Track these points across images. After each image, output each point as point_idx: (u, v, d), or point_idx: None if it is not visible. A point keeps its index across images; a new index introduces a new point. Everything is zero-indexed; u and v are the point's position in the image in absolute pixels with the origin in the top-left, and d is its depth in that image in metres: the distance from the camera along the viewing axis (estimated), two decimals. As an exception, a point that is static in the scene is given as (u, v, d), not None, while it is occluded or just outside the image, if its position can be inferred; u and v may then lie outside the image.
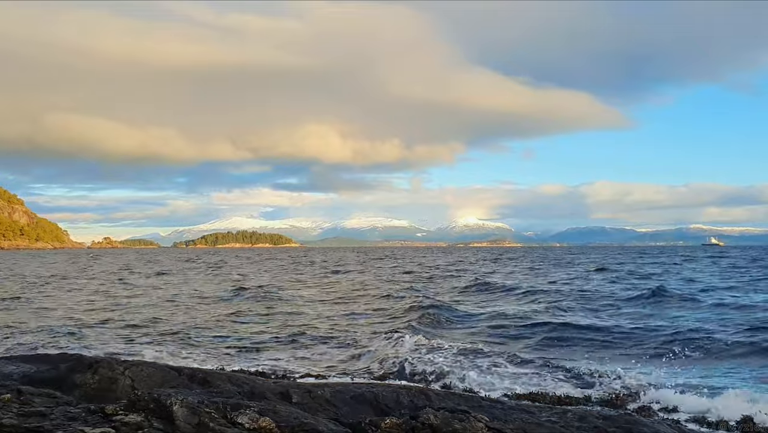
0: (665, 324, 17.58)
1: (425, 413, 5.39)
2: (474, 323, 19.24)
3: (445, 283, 36.63)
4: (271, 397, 6.67)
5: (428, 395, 7.37)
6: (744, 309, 21.05)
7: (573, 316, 19.89)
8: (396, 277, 42.95)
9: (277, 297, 27.27)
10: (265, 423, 5.03)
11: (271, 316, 20.95)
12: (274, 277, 44.40)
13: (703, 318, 18.99)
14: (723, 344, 14.32)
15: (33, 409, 5.05)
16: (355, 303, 25.03)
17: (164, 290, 31.51)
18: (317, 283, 37.89)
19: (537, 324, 17.90)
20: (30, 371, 7.55)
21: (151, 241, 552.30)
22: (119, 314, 20.90)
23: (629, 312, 21.01)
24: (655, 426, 6.48)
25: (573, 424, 6.11)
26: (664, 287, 27.54)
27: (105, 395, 6.77)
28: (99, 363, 7.36)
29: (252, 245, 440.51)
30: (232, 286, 33.97)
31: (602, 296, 25.85)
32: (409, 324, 17.98)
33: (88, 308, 23.06)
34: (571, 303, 23.27)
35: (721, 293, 27.29)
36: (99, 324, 18.45)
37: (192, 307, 23.76)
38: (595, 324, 17.88)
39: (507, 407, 6.97)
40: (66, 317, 20.27)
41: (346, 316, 20.80)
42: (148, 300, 26.14)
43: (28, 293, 29.18)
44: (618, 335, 16.15)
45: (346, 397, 7.03)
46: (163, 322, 19.13)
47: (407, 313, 20.82)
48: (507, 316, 19.91)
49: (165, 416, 4.91)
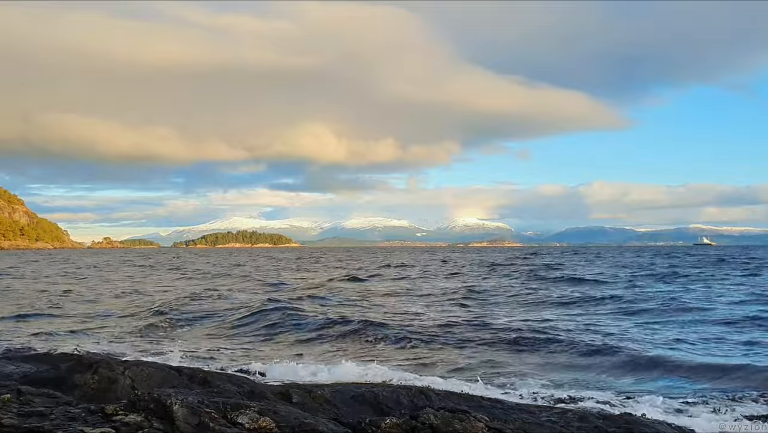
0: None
1: (425, 413, 5.39)
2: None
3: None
4: (271, 397, 6.67)
5: (428, 395, 7.37)
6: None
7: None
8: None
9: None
10: (266, 423, 5.03)
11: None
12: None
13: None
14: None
15: (33, 409, 5.05)
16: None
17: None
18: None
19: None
20: (30, 371, 7.55)
21: (151, 241, 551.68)
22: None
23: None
24: (655, 426, 6.48)
25: (573, 424, 6.11)
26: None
27: (105, 395, 6.78)
28: (99, 363, 7.37)
29: (252, 245, 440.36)
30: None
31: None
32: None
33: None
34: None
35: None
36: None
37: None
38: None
39: (507, 407, 6.97)
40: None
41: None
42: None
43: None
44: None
45: (346, 397, 7.03)
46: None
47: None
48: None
49: (165, 416, 4.91)
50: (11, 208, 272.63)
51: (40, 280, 39.74)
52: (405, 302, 24.02)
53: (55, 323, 18.35)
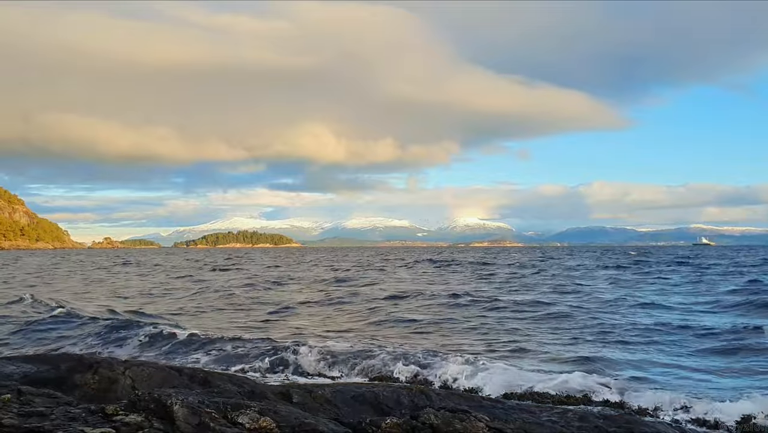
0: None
1: (426, 413, 5.38)
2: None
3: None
4: (272, 397, 6.67)
5: (429, 395, 7.37)
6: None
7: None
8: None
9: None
10: (266, 423, 5.03)
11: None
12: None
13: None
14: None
15: (33, 409, 5.05)
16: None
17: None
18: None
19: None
20: (30, 371, 7.55)
21: (151, 241, 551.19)
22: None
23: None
24: (656, 426, 6.48)
25: (573, 424, 6.10)
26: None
27: (105, 395, 6.77)
28: (99, 363, 7.37)
29: (252, 245, 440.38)
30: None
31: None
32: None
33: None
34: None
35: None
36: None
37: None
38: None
39: (507, 407, 6.96)
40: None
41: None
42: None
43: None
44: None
45: (346, 397, 7.03)
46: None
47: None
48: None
49: (165, 417, 4.91)
50: (11, 209, 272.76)
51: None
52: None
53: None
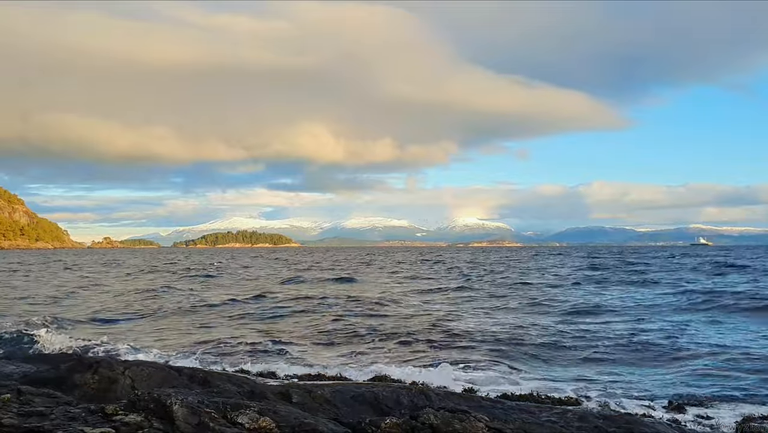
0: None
1: (425, 413, 5.38)
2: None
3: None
4: (271, 397, 6.67)
5: (428, 395, 7.37)
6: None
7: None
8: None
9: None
10: (265, 423, 5.02)
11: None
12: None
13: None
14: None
15: (33, 409, 5.04)
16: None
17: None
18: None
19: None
20: (30, 371, 7.55)
21: (151, 241, 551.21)
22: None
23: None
24: (655, 426, 6.48)
25: (573, 424, 6.11)
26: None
27: (105, 395, 6.77)
28: (99, 363, 7.37)
29: (252, 245, 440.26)
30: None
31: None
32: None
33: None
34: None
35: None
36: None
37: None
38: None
39: (507, 407, 6.96)
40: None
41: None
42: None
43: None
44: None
45: (346, 397, 7.03)
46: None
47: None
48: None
49: (165, 416, 4.91)
50: (11, 208, 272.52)
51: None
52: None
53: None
